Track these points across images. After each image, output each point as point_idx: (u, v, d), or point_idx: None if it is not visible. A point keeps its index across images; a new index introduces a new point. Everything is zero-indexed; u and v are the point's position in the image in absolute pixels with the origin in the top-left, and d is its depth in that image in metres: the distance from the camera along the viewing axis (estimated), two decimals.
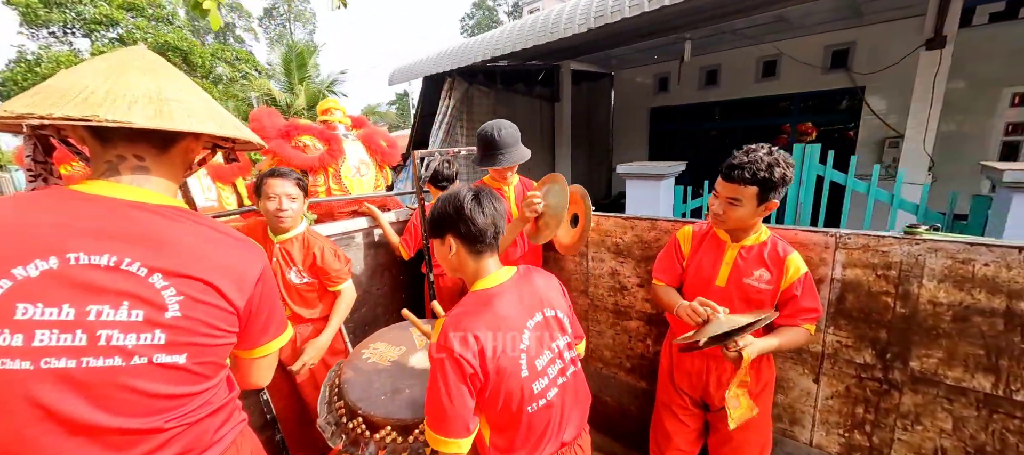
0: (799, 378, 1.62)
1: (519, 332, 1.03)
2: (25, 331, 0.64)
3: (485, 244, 1.07)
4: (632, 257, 1.98)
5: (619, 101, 8.42)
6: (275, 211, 1.75)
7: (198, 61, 16.32)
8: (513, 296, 1.08)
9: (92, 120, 0.67)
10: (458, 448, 0.97)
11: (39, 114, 0.65)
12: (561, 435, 1.11)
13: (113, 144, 0.75)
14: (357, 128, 2.85)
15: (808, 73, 6.37)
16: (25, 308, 0.65)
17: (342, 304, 1.97)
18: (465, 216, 1.05)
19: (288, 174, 1.77)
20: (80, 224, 0.70)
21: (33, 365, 0.64)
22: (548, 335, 1.11)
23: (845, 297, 1.46)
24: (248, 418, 0.98)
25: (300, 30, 32.40)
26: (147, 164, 0.78)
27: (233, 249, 0.84)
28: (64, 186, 0.75)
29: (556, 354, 1.11)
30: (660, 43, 5.96)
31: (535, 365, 1.05)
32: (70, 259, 0.68)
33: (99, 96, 0.69)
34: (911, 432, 1.43)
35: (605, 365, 2.24)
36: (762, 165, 1.26)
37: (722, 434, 1.55)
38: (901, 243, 1.34)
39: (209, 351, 0.79)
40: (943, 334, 1.32)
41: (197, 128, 0.76)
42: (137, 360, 0.70)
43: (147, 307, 0.71)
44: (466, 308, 1.04)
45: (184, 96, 0.78)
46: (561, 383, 1.11)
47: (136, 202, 0.75)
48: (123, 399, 0.70)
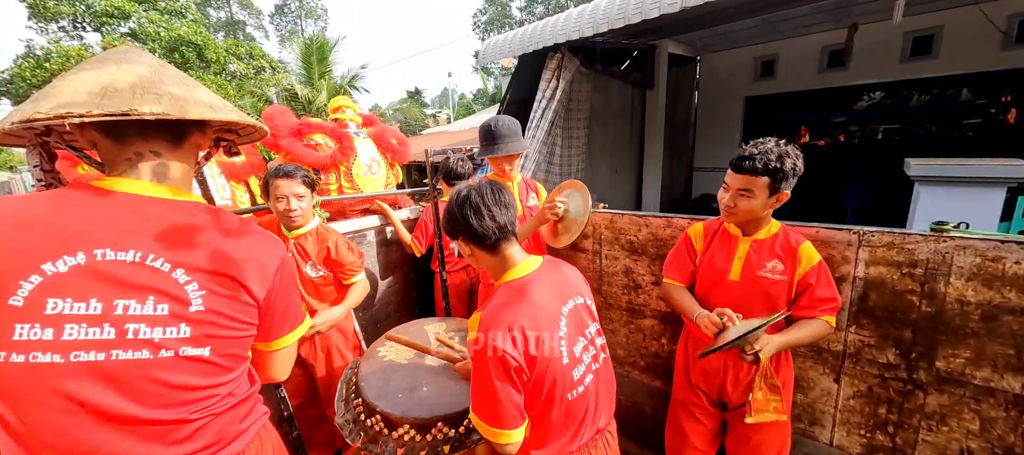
0: (819, 378, 1.59)
1: (556, 320, 1.03)
2: (55, 325, 0.66)
3: (499, 238, 1.06)
4: (647, 255, 1.96)
5: (706, 89, 7.17)
6: (284, 210, 1.77)
7: (213, 56, 15.78)
8: (546, 283, 1.07)
9: (132, 114, 0.68)
10: (514, 437, 0.98)
11: (78, 113, 0.66)
12: (597, 421, 1.11)
13: (129, 142, 0.76)
14: (368, 126, 2.85)
15: (983, 47, 4.73)
16: (55, 303, 0.66)
17: (356, 291, 1.99)
18: (469, 219, 1.05)
19: (294, 173, 1.78)
20: (106, 221, 0.72)
21: (64, 358, 0.66)
22: (581, 322, 1.11)
23: (868, 296, 1.43)
24: (270, 413, 0.99)
25: (311, 26, 32.32)
26: (164, 159, 0.79)
27: (253, 241, 0.86)
28: (89, 183, 0.76)
29: (589, 341, 1.12)
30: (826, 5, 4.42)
31: (573, 352, 1.05)
32: (97, 255, 0.69)
33: (127, 91, 0.70)
34: (936, 433, 1.40)
35: (619, 364, 2.22)
36: (772, 155, 1.27)
37: (740, 434, 1.53)
38: (928, 241, 1.31)
39: (232, 343, 0.81)
40: (971, 333, 1.29)
41: (214, 117, 0.78)
42: (164, 353, 0.72)
43: (172, 302, 0.73)
44: (502, 300, 1.03)
45: (189, 91, 0.79)
46: (595, 369, 1.11)
47: (158, 198, 0.77)
48: (152, 391, 0.72)
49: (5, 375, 0.65)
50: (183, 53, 15.05)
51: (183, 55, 15.03)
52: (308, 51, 15.73)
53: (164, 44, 15.04)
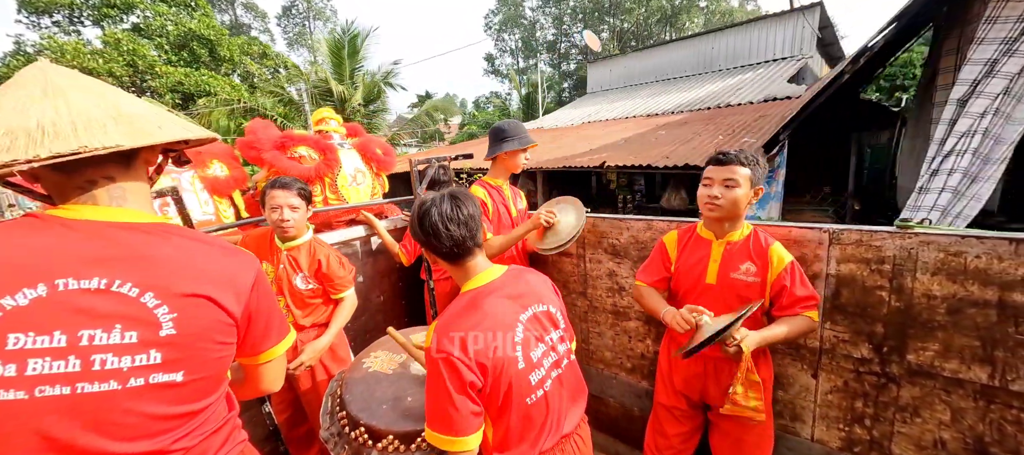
0: (798, 374, 1.63)
1: (512, 325, 1.06)
2: (18, 361, 0.64)
3: (457, 249, 1.09)
4: (629, 258, 1.99)
5: None
6: (278, 220, 1.80)
7: (226, 54, 14.37)
8: (504, 292, 1.10)
9: (82, 152, 0.65)
10: (467, 446, 0.98)
11: (24, 159, 0.62)
12: (560, 427, 1.13)
13: (80, 172, 0.72)
14: (352, 137, 2.86)
15: None
16: (17, 337, 0.64)
17: (343, 310, 2.01)
18: (427, 231, 1.08)
19: (291, 184, 1.82)
20: (66, 249, 0.69)
21: (28, 395, 0.64)
22: (542, 328, 1.13)
23: (840, 292, 1.47)
24: (249, 435, 0.98)
25: (320, 29, 31.01)
26: (119, 182, 0.76)
27: (224, 258, 0.84)
28: (41, 213, 0.73)
29: (550, 347, 1.14)
30: None
31: (530, 357, 1.07)
32: (59, 285, 0.67)
33: (68, 127, 0.66)
34: (910, 424, 1.44)
35: (606, 366, 2.24)
36: (747, 153, 1.39)
37: (724, 432, 1.56)
38: (894, 237, 1.35)
39: (207, 365, 0.79)
40: (938, 327, 1.33)
41: (173, 137, 0.76)
42: (134, 382, 0.70)
43: (141, 327, 0.71)
44: (456, 310, 1.06)
45: (137, 108, 0.76)
46: (556, 375, 1.14)
47: (120, 223, 0.75)
48: (123, 423, 0.70)
49: None
50: (194, 50, 13.85)
51: (194, 52, 13.97)
52: (338, 45, 14.16)
53: (172, 40, 13.86)
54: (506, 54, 32.40)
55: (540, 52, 29.66)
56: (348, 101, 13.59)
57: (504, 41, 31.73)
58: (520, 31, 30.95)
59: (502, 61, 32.42)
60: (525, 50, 31.19)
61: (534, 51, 30.18)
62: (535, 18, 30.38)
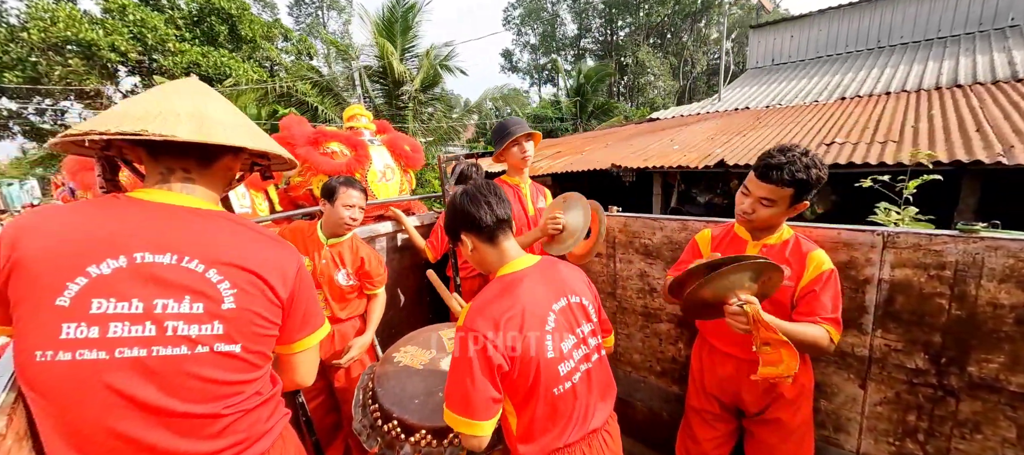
0: (843, 383, 1.55)
1: (544, 314, 1.05)
2: (100, 323, 0.70)
3: (498, 228, 1.10)
4: (662, 258, 1.94)
5: None
6: (350, 218, 1.88)
7: (247, 33, 12.94)
8: (537, 279, 1.10)
9: (142, 134, 0.73)
10: (480, 430, 0.97)
11: (99, 131, 0.71)
12: (588, 421, 1.10)
13: (163, 159, 0.83)
14: (381, 134, 2.89)
15: None
16: (100, 302, 0.71)
17: (377, 307, 2.08)
18: (467, 208, 1.09)
19: (358, 184, 1.93)
20: (143, 227, 0.77)
21: (109, 355, 0.70)
22: (573, 320, 1.11)
23: (894, 299, 1.39)
24: (291, 415, 1.01)
25: (334, 20, 30.53)
26: (193, 176, 0.86)
27: (272, 246, 0.91)
28: (125, 195, 0.81)
29: (581, 339, 1.12)
30: None
31: (561, 348, 1.05)
32: (137, 258, 0.74)
33: (152, 115, 0.76)
34: (970, 441, 1.35)
35: (635, 368, 2.19)
36: (799, 165, 1.22)
37: (759, 440, 1.50)
38: (957, 242, 1.27)
39: (260, 340, 0.85)
40: (1005, 337, 1.24)
41: (233, 142, 0.83)
42: (200, 349, 0.76)
43: (206, 300, 0.77)
44: (492, 293, 1.05)
45: (225, 117, 0.85)
46: (585, 369, 1.11)
47: (187, 207, 0.83)
48: (188, 386, 0.76)
49: (51, 373, 0.68)
50: (213, 25, 12.43)
51: (213, 27, 12.49)
52: (391, 17, 12.24)
53: (189, 14, 12.31)
54: (525, 50, 31.75)
55: (577, 43, 28.04)
56: (402, 84, 12.02)
57: (526, 35, 31.01)
58: (541, 25, 30.25)
59: (520, 57, 31.81)
60: (543, 46, 30.50)
61: (553, 48, 29.55)
62: (556, 12, 29.60)
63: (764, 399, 1.44)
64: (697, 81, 26.93)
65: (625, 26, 27.54)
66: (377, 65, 12.35)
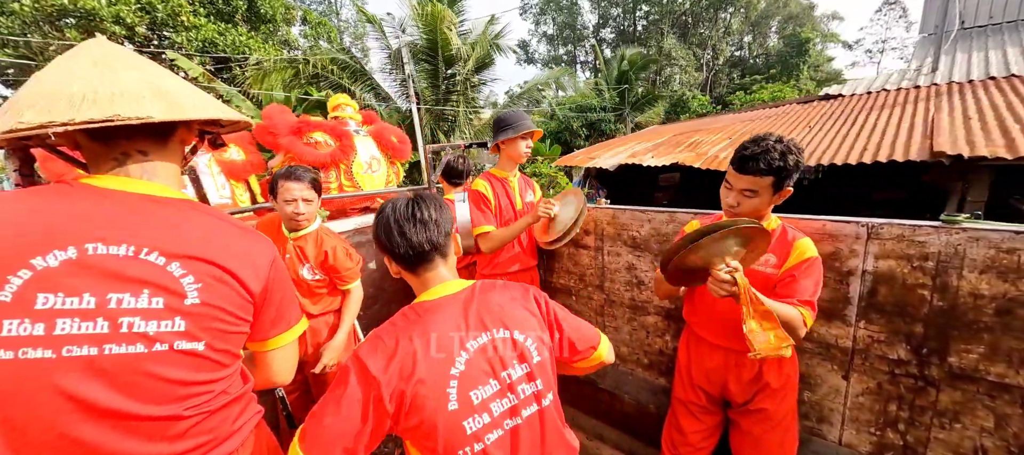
0: (827, 375, 1.56)
1: (451, 354, 0.86)
2: (46, 320, 0.65)
3: (412, 256, 0.94)
4: (650, 251, 1.93)
5: None
6: (292, 214, 1.77)
7: (267, 11, 11.43)
8: (454, 311, 0.92)
9: (115, 120, 0.67)
10: None
11: (60, 122, 0.64)
12: None
13: (116, 143, 0.75)
14: (368, 124, 2.84)
15: None
16: (46, 297, 0.65)
17: (352, 303, 1.99)
18: (380, 236, 0.96)
19: (304, 176, 1.77)
20: (97, 215, 0.71)
21: (55, 354, 0.65)
22: (498, 362, 0.90)
23: (877, 290, 1.40)
24: (264, 411, 0.97)
25: (347, 8, 27.95)
26: (150, 156, 0.79)
27: (243, 238, 0.85)
28: (75, 180, 0.75)
29: (506, 386, 0.89)
30: None
31: (470, 397, 0.85)
32: (88, 249, 0.68)
33: (107, 96, 0.69)
34: (949, 430, 1.37)
35: (622, 362, 2.19)
36: (775, 153, 1.22)
37: (744, 432, 1.50)
38: (939, 233, 1.27)
39: (226, 338, 0.80)
40: (985, 328, 1.25)
41: (206, 115, 0.77)
42: (159, 347, 0.71)
43: (167, 294, 0.72)
44: (394, 321, 0.93)
45: (178, 85, 0.79)
46: (510, 426, 0.88)
47: (149, 195, 0.77)
48: (145, 386, 0.71)
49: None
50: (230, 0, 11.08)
51: (229, 2, 11.28)
52: None
53: None
54: (542, 41, 30.70)
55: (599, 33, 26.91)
56: (460, 62, 10.63)
57: (545, 24, 29.82)
58: (562, 15, 29.14)
59: (536, 49, 30.81)
60: (561, 37, 29.62)
61: (571, 38, 28.40)
62: (573, 1, 28.38)
63: (750, 389, 1.44)
64: (719, 73, 26.74)
65: (644, 16, 26.72)
66: (424, 41, 10.65)
